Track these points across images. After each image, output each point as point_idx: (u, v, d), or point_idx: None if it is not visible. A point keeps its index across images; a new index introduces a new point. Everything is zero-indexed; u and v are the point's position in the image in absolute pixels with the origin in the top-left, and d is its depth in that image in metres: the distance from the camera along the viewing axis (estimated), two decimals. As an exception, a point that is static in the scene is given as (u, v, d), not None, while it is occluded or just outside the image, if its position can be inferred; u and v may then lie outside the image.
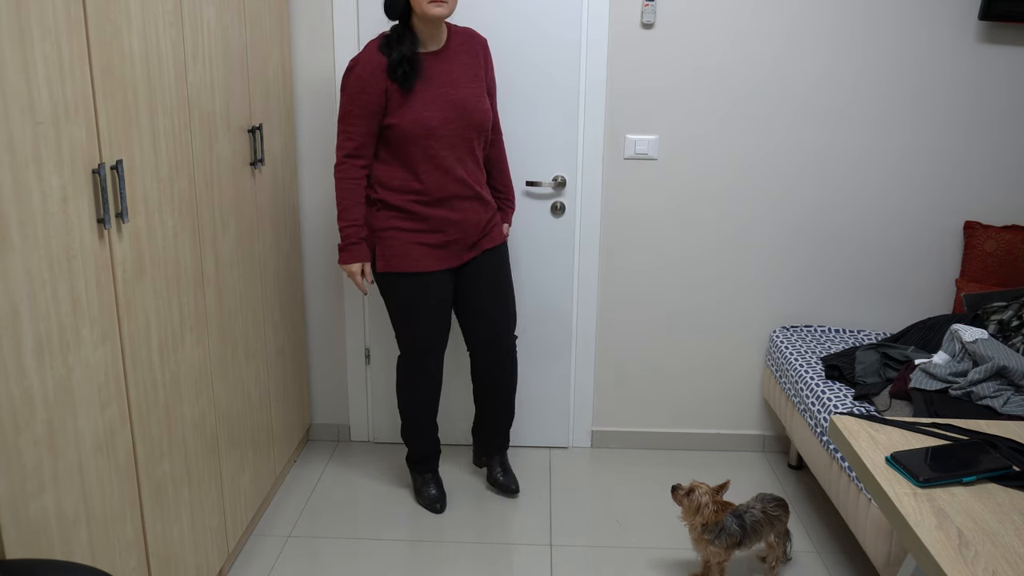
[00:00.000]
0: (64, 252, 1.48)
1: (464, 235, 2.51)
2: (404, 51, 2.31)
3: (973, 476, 1.46)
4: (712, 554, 2.25)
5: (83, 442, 1.56)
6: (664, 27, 2.80)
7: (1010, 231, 2.88)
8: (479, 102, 2.43)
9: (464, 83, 2.42)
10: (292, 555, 2.52)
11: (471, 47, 2.46)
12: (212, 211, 2.15)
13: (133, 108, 1.71)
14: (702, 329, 3.09)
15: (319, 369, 3.16)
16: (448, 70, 2.40)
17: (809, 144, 2.91)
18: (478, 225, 2.53)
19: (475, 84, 2.44)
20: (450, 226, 2.47)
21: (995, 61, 2.82)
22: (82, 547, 1.56)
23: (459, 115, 2.39)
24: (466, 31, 2.49)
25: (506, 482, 2.84)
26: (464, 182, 2.45)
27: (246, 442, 2.44)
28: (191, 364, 2.03)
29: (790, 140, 2.90)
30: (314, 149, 2.93)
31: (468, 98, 2.41)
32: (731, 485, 2.24)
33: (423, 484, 2.81)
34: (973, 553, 1.26)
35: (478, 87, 2.45)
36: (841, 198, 2.96)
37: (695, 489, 2.23)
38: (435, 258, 2.49)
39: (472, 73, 2.44)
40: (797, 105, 2.87)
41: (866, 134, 2.89)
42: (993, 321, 2.50)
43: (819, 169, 2.93)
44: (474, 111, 2.42)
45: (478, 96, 2.44)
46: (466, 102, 2.40)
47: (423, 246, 2.47)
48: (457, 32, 2.47)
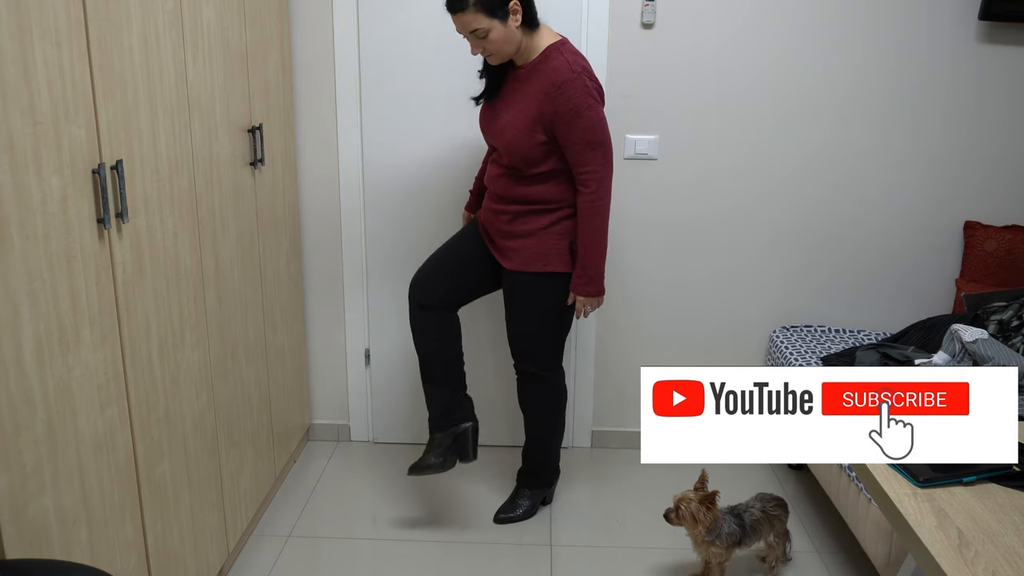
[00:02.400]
0: (64, 252, 1.48)
1: (486, 221, 2.52)
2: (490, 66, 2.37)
3: (973, 476, 1.46)
4: (714, 555, 2.25)
5: (83, 442, 1.56)
6: (664, 27, 2.80)
7: (1010, 231, 2.88)
8: (512, 132, 2.30)
9: (517, 110, 2.30)
10: (292, 555, 2.52)
11: (541, 82, 2.26)
12: (212, 211, 2.15)
13: (133, 108, 1.70)
14: (702, 329, 3.09)
15: (319, 369, 3.16)
16: (515, 89, 2.34)
17: (809, 144, 2.91)
18: (492, 226, 2.49)
19: (522, 115, 2.28)
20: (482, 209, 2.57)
21: (995, 61, 2.82)
22: (82, 547, 1.56)
23: (496, 133, 2.37)
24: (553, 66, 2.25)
25: (500, 508, 2.74)
26: (495, 181, 2.44)
27: (246, 442, 2.44)
28: (191, 364, 2.03)
29: (789, 140, 2.90)
30: (314, 149, 2.93)
31: (504, 125, 2.33)
32: (732, 485, 2.24)
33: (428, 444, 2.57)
34: (973, 553, 1.26)
35: (523, 119, 2.28)
36: (841, 198, 2.96)
37: (680, 504, 2.22)
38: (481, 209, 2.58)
39: (526, 104, 2.28)
40: (797, 105, 2.87)
41: (866, 134, 2.89)
42: (993, 321, 2.50)
43: (819, 169, 2.93)
44: (505, 137, 2.33)
45: (515, 127, 2.29)
46: (501, 127, 2.34)
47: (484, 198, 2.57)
48: (548, 59, 2.27)
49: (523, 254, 2.42)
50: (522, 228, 2.41)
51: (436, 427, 2.54)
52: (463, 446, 2.55)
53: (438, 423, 2.54)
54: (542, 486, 2.78)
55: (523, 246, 2.41)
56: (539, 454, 2.74)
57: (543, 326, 2.52)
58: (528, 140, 2.28)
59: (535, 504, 2.76)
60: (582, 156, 2.29)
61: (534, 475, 2.76)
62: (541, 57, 2.28)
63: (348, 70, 2.85)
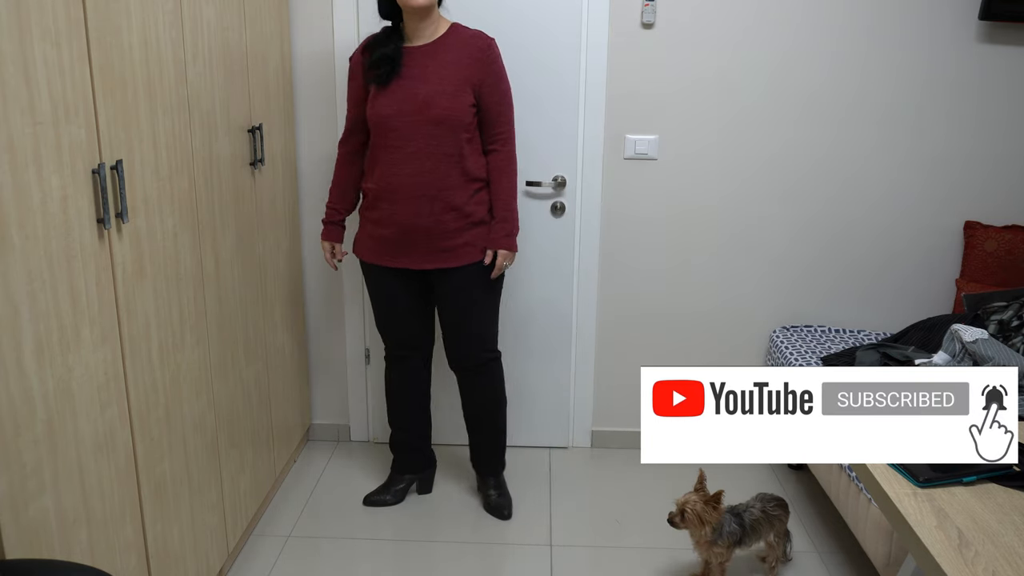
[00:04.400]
0: (64, 252, 1.48)
1: (406, 237, 2.41)
2: (386, 51, 2.37)
3: (973, 476, 1.46)
4: (714, 555, 2.25)
5: (83, 442, 1.56)
6: (664, 27, 2.80)
7: (1010, 231, 2.88)
8: (445, 98, 2.32)
9: (435, 78, 2.34)
10: (292, 555, 2.52)
11: (467, 47, 2.38)
12: (212, 211, 2.15)
13: (133, 108, 1.70)
14: (702, 329, 3.09)
15: (319, 369, 3.16)
16: (426, 64, 2.37)
17: (808, 144, 2.90)
18: (427, 232, 2.40)
19: (449, 80, 2.34)
20: (392, 224, 2.42)
21: (995, 61, 2.82)
22: (82, 547, 1.56)
23: (417, 108, 2.33)
24: (472, 32, 2.42)
25: (499, 504, 2.74)
26: (418, 180, 2.35)
27: (246, 442, 2.44)
28: (191, 364, 2.03)
29: (789, 140, 2.90)
30: (314, 149, 2.93)
31: (431, 92, 2.32)
32: (731, 485, 2.24)
33: (387, 480, 2.84)
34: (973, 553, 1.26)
35: (451, 83, 2.34)
36: (841, 198, 2.96)
37: (684, 506, 2.22)
38: (382, 253, 2.49)
39: (453, 70, 2.35)
40: (796, 105, 2.87)
41: (866, 133, 2.89)
42: (993, 321, 2.50)
43: (819, 169, 2.93)
44: (434, 106, 2.31)
45: (446, 92, 2.33)
46: (427, 96, 2.33)
47: (373, 239, 2.50)
48: (459, 32, 2.41)
49: (471, 245, 2.46)
50: (470, 216, 2.43)
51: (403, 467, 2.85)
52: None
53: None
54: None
55: (477, 235, 2.46)
56: (498, 431, 2.79)
57: (490, 304, 2.60)
58: (461, 103, 2.35)
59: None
60: (503, 115, 2.46)
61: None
62: (451, 31, 2.41)
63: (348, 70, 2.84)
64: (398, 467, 2.84)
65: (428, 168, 2.36)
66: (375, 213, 2.47)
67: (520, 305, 3.05)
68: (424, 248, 2.43)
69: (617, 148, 2.91)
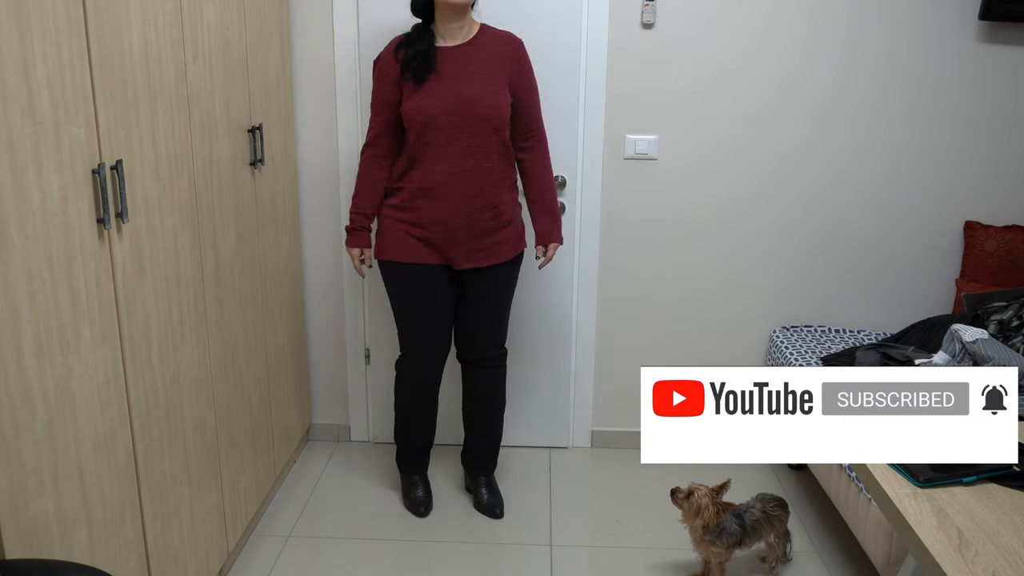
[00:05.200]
0: (64, 252, 1.48)
1: (448, 235, 2.42)
2: (420, 47, 2.37)
3: (973, 476, 1.46)
4: (714, 555, 2.26)
5: (83, 442, 1.56)
6: (664, 27, 2.80)
7: (1010, 231, 2.88)
8: (489, 97, 2.37)
9: (478, 78, 2.38)
10: (292, 555, 2.52)
11: (499, 47, 2.43)
12: (212, 211, 2.15)
13: (133, 108, 1.70)
14: (702, 329, 3.09)
15: (319, 369, 3.16)
16: (464, 64, 2.39)
17: (808, 143, 2.90)
18: (468, 230, 2.42)
19: (491, 80, 2.39)
20: (433, 223, 2.42)
21: (995, 61, 2.82)
22: (82, 547, 1.56)
23: (463, 107, 2.35)
24: (502, 33, 2.47)
25: (492, 503, 2.74)
26: (460, 178, 2.38)
27: (246, 442, 2.44)
28: (191, 364, 2.03)
29: (789, 140, 2.90)
30: (314, 149, 2.93)
31: (477, 92, 2.37)
32: (732, 485, 2.24)
33: (410, 486, 2.80)
34: (973, 553, 1.26)
35: (494, 83, 2.39)
36: (840, 197, 2.96)
37: (695, 491, 2.23)
38: (422, 252, 2.45)
39: (492, 70, 2.40)
40: (795, 104, 2.87)
41: (865, 133, 2.89)
42: (993, 321, 2.50)
43: (818, 169, 2.93)
44: (480, 105, 2.36)
45: (490, 92, 2.38)
46: (473, 95, 2.36)
47: (412, 237, 2.45)
48: (490, 32, 2.45)
49: (509, 240, 2.52)
50: (507, 216, 2.49)
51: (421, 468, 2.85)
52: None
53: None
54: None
55: (507, 234, 2.51)
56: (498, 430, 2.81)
57: (510, 301, 2.66)
58: (504, 102, 2.41)
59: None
60: (537, 113, 2.53)
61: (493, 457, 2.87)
62: (482, 32, 2.45)
63: (348, 70, 2.85)
64: (410, 469, 2.82)
65: (471, 166, 2.38)
66: (410, 214, 2.44)
67: (520, 305, 3.04)
68: (464, 247, 2.45)
69: (617, 148, 2.91)
